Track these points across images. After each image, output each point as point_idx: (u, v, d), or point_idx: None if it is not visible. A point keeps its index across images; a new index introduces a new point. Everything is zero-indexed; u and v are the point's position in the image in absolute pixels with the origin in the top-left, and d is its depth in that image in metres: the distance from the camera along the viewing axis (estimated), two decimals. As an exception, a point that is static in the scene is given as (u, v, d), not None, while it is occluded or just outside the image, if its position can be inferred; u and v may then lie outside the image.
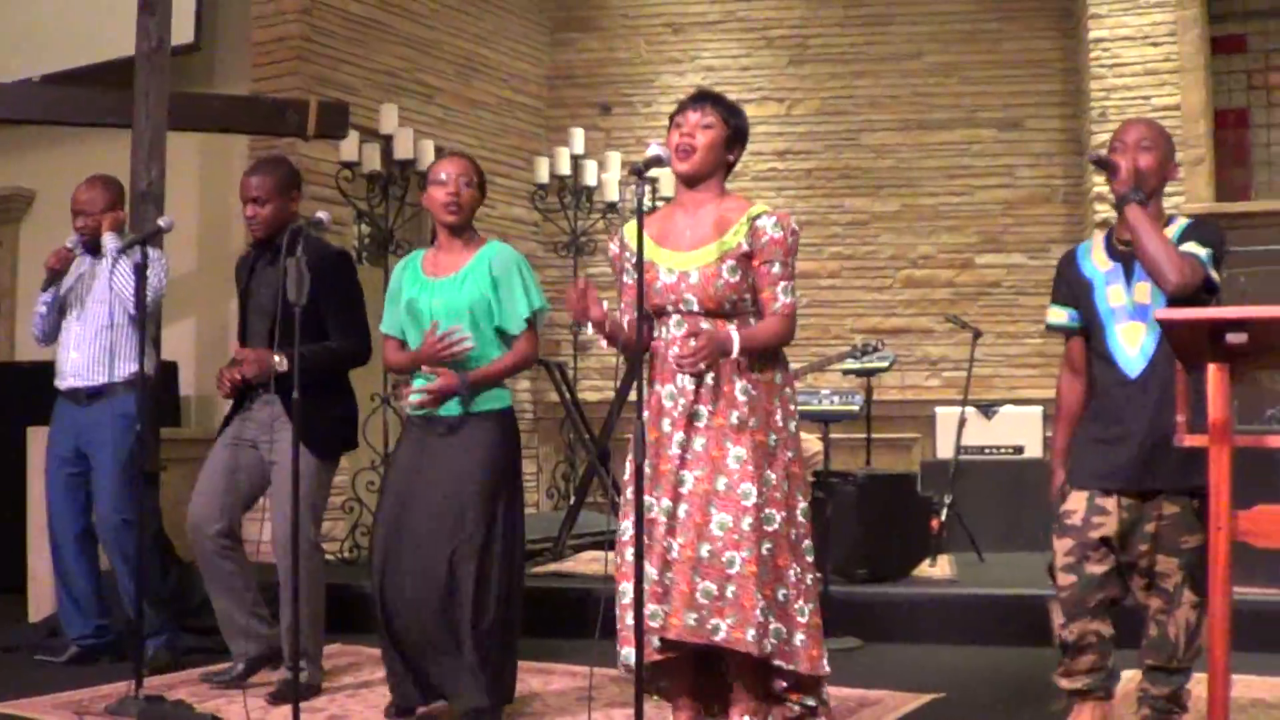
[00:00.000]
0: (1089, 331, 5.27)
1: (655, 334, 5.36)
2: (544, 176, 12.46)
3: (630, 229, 5.23)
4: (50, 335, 7.64)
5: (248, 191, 6.75)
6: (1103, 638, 5.10)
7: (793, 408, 5.36)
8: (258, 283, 6.81)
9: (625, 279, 5.38)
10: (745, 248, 5.18)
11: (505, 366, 6.03)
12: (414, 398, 5.93)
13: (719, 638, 4.95)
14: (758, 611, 4.94)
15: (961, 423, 10.45)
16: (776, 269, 5.21)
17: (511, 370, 6.08)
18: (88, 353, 7.41)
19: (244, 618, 6.74)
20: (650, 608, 4.99)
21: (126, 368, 7.32)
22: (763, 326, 5.22)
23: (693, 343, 5.03)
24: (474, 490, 5.85)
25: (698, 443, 5.14)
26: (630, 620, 4.94)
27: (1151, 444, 4.99)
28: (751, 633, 4.93)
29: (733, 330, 5.12)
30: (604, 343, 5.39)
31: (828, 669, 5.22)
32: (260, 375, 6.47)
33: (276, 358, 6.33)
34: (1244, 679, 6.55)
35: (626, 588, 5.02)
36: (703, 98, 5.34)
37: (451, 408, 5.96)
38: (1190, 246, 4.91)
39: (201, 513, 6.69)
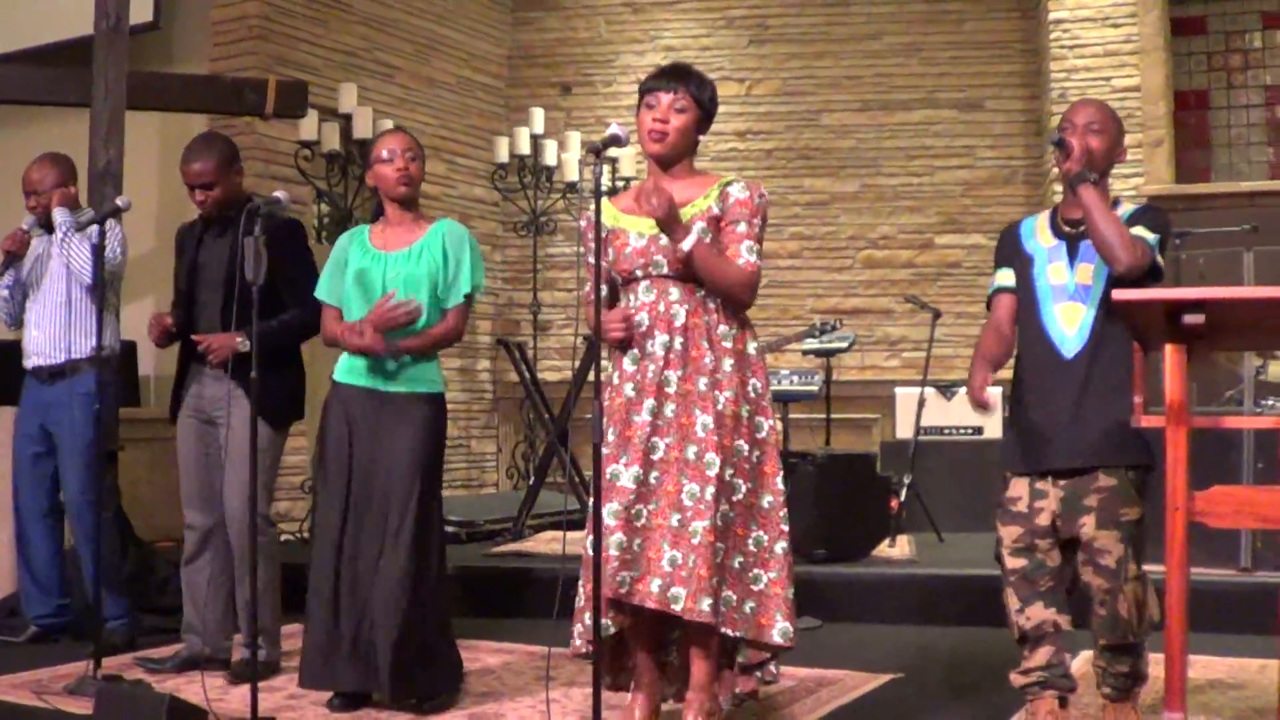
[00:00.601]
0: (1020, 307, 5.27)
1: (624, 301, 5.36)
2: (504, 156, 12.47)
3: (603, 204, 5.25)
4: (15, 318, 7.64)
5: (193, 178, 6.71)
6: (1059, 630, 5.10)
7: (766, 375, 5.37)
8: (207, 255, 6.77)
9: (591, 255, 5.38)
10: (715, 210, 5.19)
11: (434, 336, 6.03)
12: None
13: (677, 607, 4.94)
14: (713, 580, 4.94)
15: (921, 403, 10.47)
16: (741, 228, 5.20)
17: (439, 341, 6.07)
18: (48, 331, 7.40)
19: (206, 616, 6.71)
20: (620, 575, 5.00)
21: (86, 344, 7.29)
22: (726, 260, 5.19)
23: (657, 198, 5.04)
24: (403, 471, 5.87)
25: (668, 409, 5.14)
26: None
27: (1083, 423, 5.00)
28: (707, 602, 4.92)
29: (696, 231, 5.11)
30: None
31: (780, 640, 5.18)
32: (225, 358, 6.45)
33: (239, 339, 6.30)
34: (1201, 659, 6.59)
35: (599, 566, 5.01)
36: (675, 75, 5.31)
37: (384, 381, 5.98)
38: (1139, 230, 4.92)
39: (192, 499, 6.72)
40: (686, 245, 5.08)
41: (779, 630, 5.18)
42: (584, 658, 5.21)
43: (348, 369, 6.08)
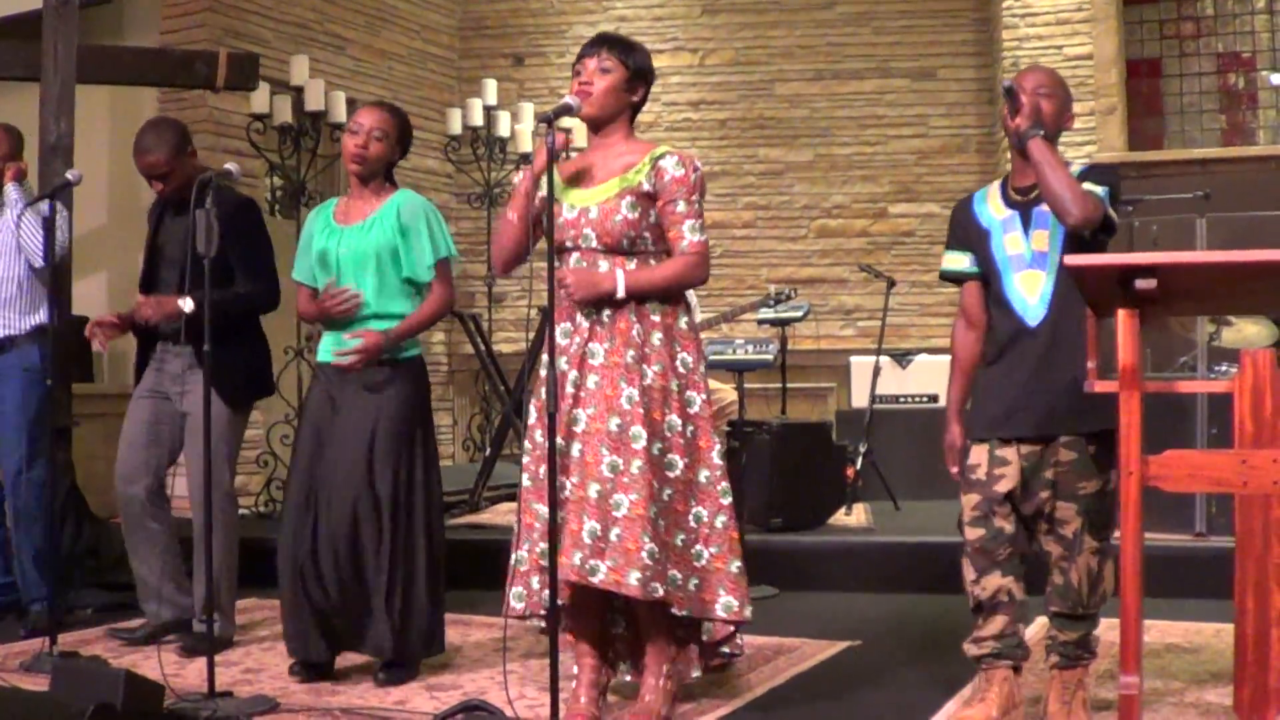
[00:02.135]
0: (986, 280, 5.28)
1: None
2: (457, 128, 12.46)
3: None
4: None
5: (146, 169, 6.69)
6: (1014, 599, 5.09)
7: (699, 349, 5.34)
8: (165, 234, 6.78)
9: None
10: (647, 186, 5.18)
11: (424, 317, 6.06)
12: (335, 358, 5.92)
13: (596, 579, 4.93)
14: (644, 554, 4.92)
15: (876, 372, 10.49)
16: (681, 207, 5.19)
17: (430, 320, 6.11)
18: None
19: (161, 581, 6.71)
20: (541, 546, 5.06)
21: (29, 320, 7.25)
22: (661, 267, 5.20)
23: (569, 281, 5.10)
24: (386, 441, 5.88)
25: (590, 380, 5.13)
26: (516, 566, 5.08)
27: (1049, 390, 5.00)
28: (636, 575, 4.91)
29: (619, 271, 5.13)
30: (512, 215, 5.35)
31: (722, 614, 5.19)
32: (164, 319, 6.43)
33: (181, 301, 6.26)
34: (1157, 624, 6.64)
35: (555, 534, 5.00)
36: (599, 41, 5.31)
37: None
38: (1089, 185, 4.91)
39: (126, 471, 6.67)
40: (619, 292, 5.12)
41: (721, 604, 5.19)
42: (520, 619, 5.28)
43: (324, 349, 6.10)
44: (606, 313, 5.16)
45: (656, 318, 5.20)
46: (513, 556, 5.24)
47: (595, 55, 5.25)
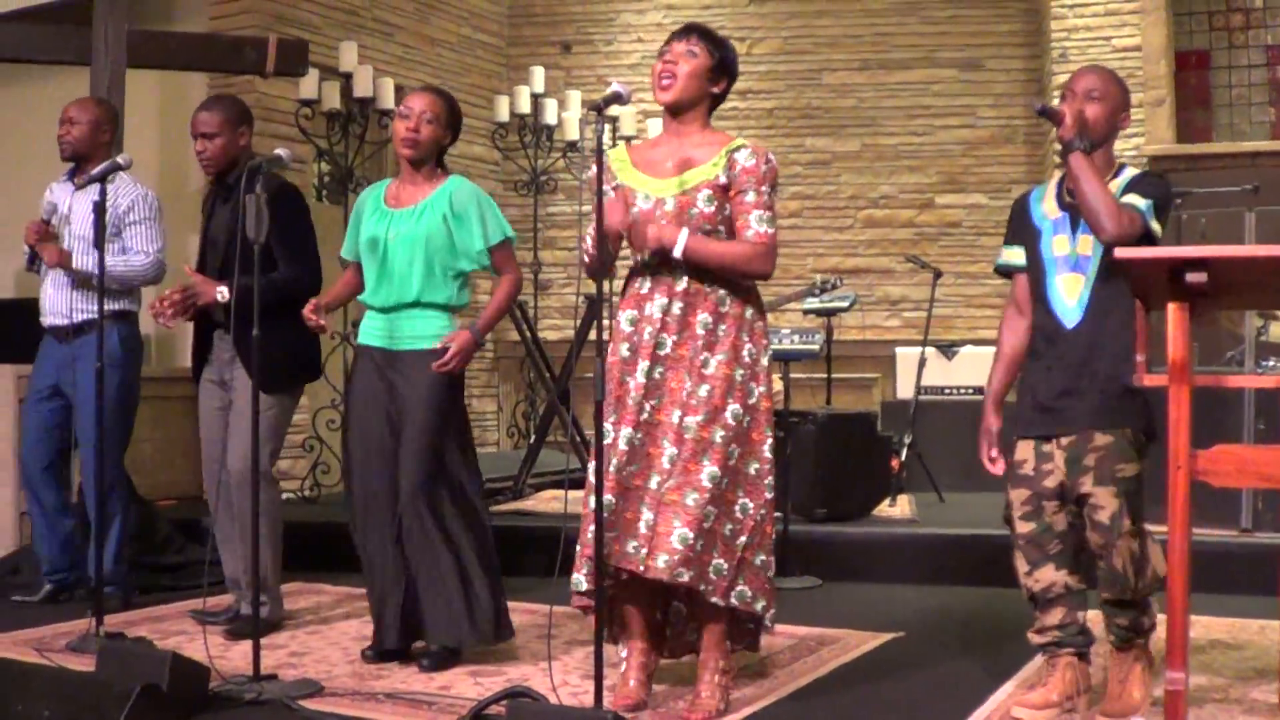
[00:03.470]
0: (1031, 279, 5.28)
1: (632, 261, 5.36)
2: (504, 115, 12.44)
3: (614, 154, 5.32)
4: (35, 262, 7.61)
5: (197, 127, 6.76)
6: (1071, 590, 5.10)
7: (765, 342, 5.33)
8: (215, 223, 6.82)
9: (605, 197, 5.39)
10: (722, 179, 5.18)
11: (501, 303, 6.16)
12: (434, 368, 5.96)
13: (651, 566, 4.98)
14: (673, 539, 4.96)
15: (922, 363, 10.48)
16: (750, 197, 5.18)
17: (508, 304, 6.21)
18: (64, 290, 7.34)
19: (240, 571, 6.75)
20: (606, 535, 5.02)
21: (108, 305, 7.27)
22: (726, 244, 5.19)
23: (639, 221, 5.14)
24: (429, 430, 5.90)
25: (657, 372, 5.15)
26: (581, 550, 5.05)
27: (1083, 391, 5.02)
28: (663, 559, 4.96)
29: (685, 231, 5.12)
30: (585, 258, 5.34)
31: (734, 602, 5.19)
32: (204, 302, 6.49)
33: (219, 290, 6.31)
34: (1202, 620, 6.61)
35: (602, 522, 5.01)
36: (689, 29, 5.33)
37: (395, 340, 6.02)
38: (1131, 198, 4.91)
39: (211, 458, 6.80)
40: (678, 251, 5.10)
41: (736, 594, 5.19)
42: (582, 610, 5.27)
43: (364, 331, 6.13)
44: (678, 305, 5.17)
45: (726, 308, 5.20)
46: (577, 544, 5.26)
47: (684, 40, 5.27)
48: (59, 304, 7.37)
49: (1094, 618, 5.19)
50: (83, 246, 7.23)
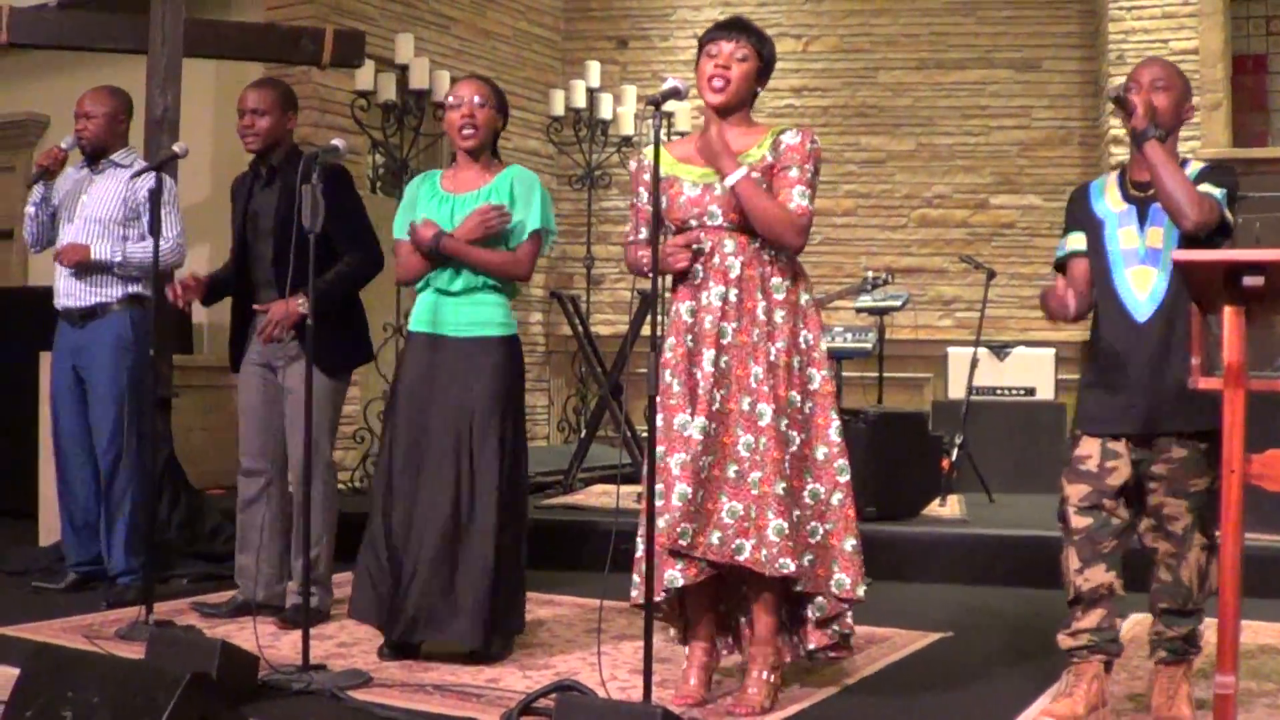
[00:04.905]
0: (1094, 272, 5.23)
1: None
2: (559, 109, 12.47)
3: (650, 153, 5.27)
4: (41, 240, 7.62)
5: (246, 103, 6.78)
6: (1115, 594, 5.07)
7: (819, 326, 5.35)
8: (257, 205, 6.81)
9: (640, 199, 5.39)
10: (769, 159, 5.20)
11: (496, 262, 5.98)
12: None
13: (742, 558, 4.99)
14: (769, 531, 4.96)
15: (974, 363, 10.45)
16: (793, 173, 5.19)
17: (498, 268, 5.99)
18: (78, 272, 7.37)
19: (259, 562, 6.74)
20: (682, 526, 5.00)
21: (124, 289, 7.30)
22: (771, 200, 5.17)
23: (716, 146, 5.14)
24: (480, 420, 5.87)
25: (723, 360, 5.15)
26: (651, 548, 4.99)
27: (1157, 388, 4.96)
28: (765, 553, 4.97)
29: (745, 168, 5.13)
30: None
31: (835, 591, 5.24)
32: (291, 324, 6.48)
33: (299, 303, 6.31)
34: (1252, 625, 6.56)
35: (654, 516, 5.01)
36: (735, 26, 5.33)
37: (446, 327, 5.98)
38: (1206, 187, 4.87)
39: (250, 444, 6.78)
40: (730, 180, 5.10)
41: (834, 582, 5.23)
42: (642, 608, 5.24)
43: (416, 317, 6.10)
44: (734, 292, 5.17)
45: (780, 295, 5.21)
46: (637, 539, 5.24)
47: (734, 40, 5.26)
48: (72, 287, 7.37)
49: (1126, 629, 5.15)
50: (99, 230, 7.27)
